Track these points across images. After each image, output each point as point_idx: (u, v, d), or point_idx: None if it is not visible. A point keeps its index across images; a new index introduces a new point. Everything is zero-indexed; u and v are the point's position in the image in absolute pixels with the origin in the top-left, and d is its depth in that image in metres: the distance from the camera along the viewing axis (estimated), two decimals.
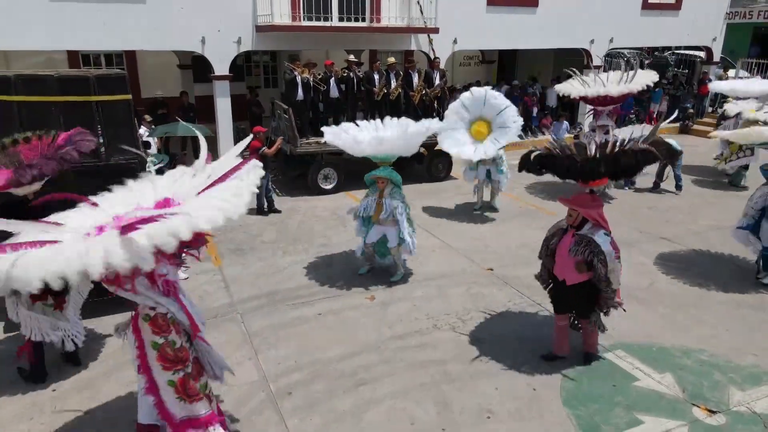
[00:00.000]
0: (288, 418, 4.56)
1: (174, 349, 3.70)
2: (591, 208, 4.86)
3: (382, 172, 6.76)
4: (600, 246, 4.76)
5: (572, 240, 4.89)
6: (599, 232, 4.83)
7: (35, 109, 5.91)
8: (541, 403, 4.76)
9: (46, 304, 4.90)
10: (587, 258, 4.81)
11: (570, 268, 4.92)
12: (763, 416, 4.58)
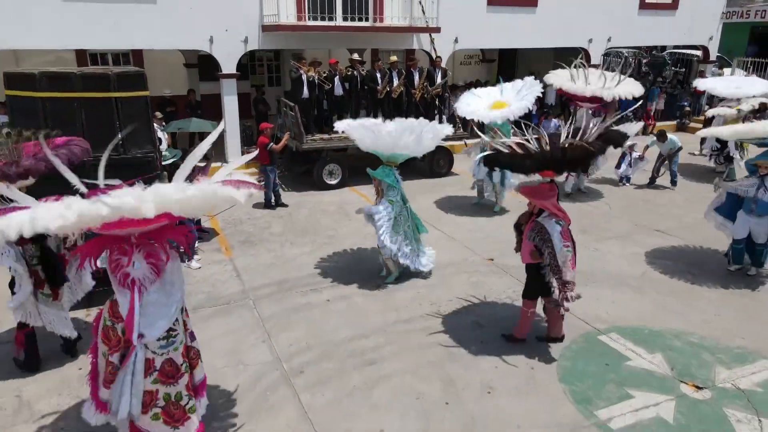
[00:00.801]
0: (301, 393, 4.87)
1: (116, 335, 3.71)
2: (545, 198, 5.10)
3: (377, 174, 6.83)
4: (549, 234, 5.01)
5: (530, 226, 5.19)
6: (552, 221, 5.07)
7: (58, 104, 6.21)
8: (539, 380, 5.07)
9: (43, 292, 5.10)
10: (538, 244, 5.08)
11: (526, 251, 5.24)
12: (747, 392, 4.89)
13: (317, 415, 4.59)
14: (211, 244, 8.38)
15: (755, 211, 6.68)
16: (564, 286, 5.06)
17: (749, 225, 6.82)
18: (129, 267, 3.60)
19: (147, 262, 3.63)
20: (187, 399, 3.89)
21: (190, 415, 3.88)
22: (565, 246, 5.03)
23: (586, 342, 5.70)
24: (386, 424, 4.50)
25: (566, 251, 5.04)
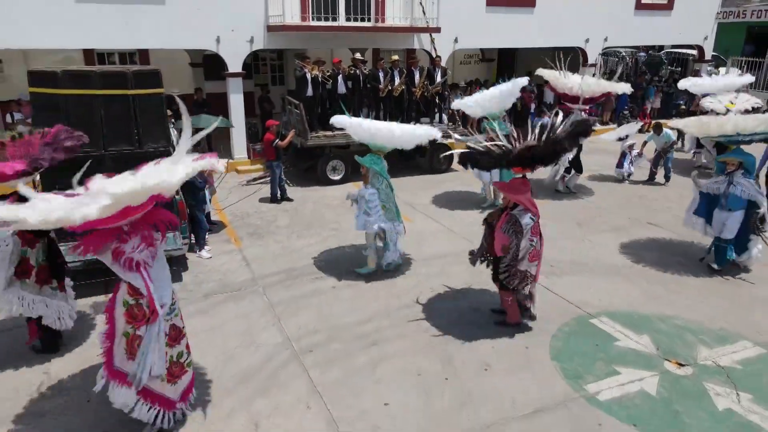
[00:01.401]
0: (310, 371, 5.21)
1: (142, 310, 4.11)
2: (519, 193, 5.45)
3: (365, 161, 7.09)
4: (522, 226, 5.34)
5: (505, 219, 5.50)
6: (526, 216, 5.40)
7: (79, 101, 6.56)
8: (532, 358, 5.42)
9: (51, 286, 5.44)
10: (511, 236, 5.38)
11: (499, 244, 5.53)
12: (727, 368, 5.24)
13: (326, 390, 4.93)
14: (220, 235, 8.73)
15: (725, 206, 6.98)
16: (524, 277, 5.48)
17: (721, 220, 7.09)
18: (131, 252, 4.00)
19: (145, 244, 4.06)
20: (186, 356, 4.42)
21: (187, 369, 4.43)
22: (530, 240, 5.39)
23: (577, 325, 6.05)
24: (390, 398, 4.84)
25: (530, 245, 5.40)
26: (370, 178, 7.11)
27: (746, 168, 6.93)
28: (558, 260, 7.65)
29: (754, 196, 6.84)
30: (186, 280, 7.15)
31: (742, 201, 6.86)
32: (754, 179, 7.07)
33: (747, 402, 4.77)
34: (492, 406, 4.72)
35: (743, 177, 6.86)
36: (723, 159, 7.09)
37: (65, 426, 4.49)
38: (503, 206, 5.72)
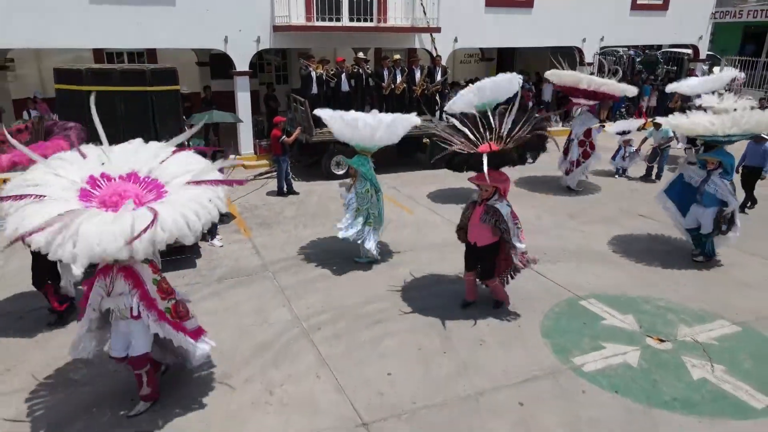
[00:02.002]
0: (319, 345, 5.65)
1: (167, 283, 4.65)
2: (504, 183, 5.81)
3: (354, 162, 7.45)
4: (502, 214, 5.73)
5: (483, 210, 5.83)
6: (503, 203, 5.80)
7: (101, 97, 6.95)
8: (524, 335, 5.85)
9: None
10: (494, 224, 5.77)
11: (481, 233, 5.89)
12: (704, 344, 5.66)
13: (333, 362, 5.37)
14: (230, 226, 9.16)
15: (701, 202, 7.37)
16: (522, 255, 5.92)
17: (696, 215, 7.48)
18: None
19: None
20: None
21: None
22: (515, 224, 5.81)
23: (567, 306, 6.47)
24: (392, 368, 5.27)
25: (517, 228, 5.82)
26: (359, 178, 7.38)
27: (725, 168, 7.27)
28: (551, 248, 8.08)
29: (725, 197, 7.20)
30: (200, 265, 7.59)
31: (716, 199, 7.23)
32: (731, 180, 7.39)
33: (720, 372, 5.20)
34: (486, 376, 5.15)
35: (720, 177, 7.20)
36: (704, 157, 7.41)
37: (95, 392, 4.92)
38: (479, 200, 5.95)
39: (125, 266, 4.41)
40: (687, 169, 7.66)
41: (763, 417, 4.61)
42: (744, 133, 6.99)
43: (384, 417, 4.61)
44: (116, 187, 4.37)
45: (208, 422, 4.55)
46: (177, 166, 4.64)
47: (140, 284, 4.48)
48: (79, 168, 4.53)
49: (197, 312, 5.16)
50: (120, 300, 4.44)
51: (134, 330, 4.54)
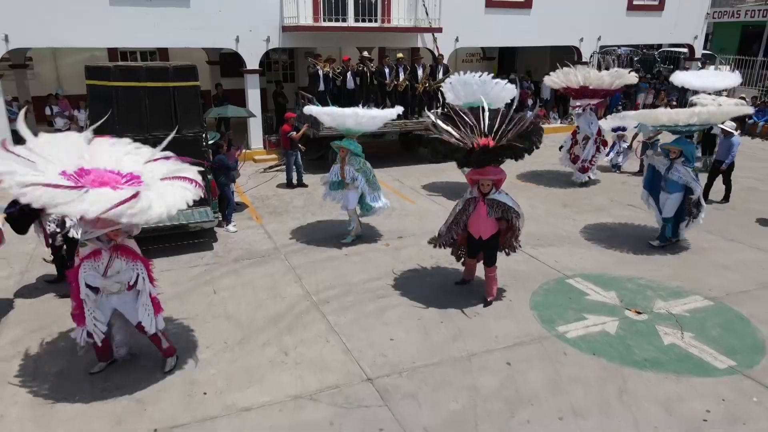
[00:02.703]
0: (328, 315, 6.25)
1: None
2: (501, 175, 6.17)
3: (345, 143, 8.04)
4: (507, 204, 6.16)
5: (486, 205, 6.15)
6: (502, 194, 6.19)
7: (128, 92, 7.63)
8: (514, 307, 6.43)
9: None
10: (502, 215, 6.16)
11: (487, 227, 6.21)
12: (677, 315, 6.24)
13: (342, 329, 5.97)
14: (243, 214, 9.77)
15: (665, 189, 7.92)
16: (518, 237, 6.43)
17: (661, 201, 8.03)
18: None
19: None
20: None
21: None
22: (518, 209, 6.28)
23: (556, 284, 7.06)
24: (394, 335, 5.87)
25: (520, 212, 6.28)
26: (349, 159, 8.02)
27: (686, 156, 7.82)
28: (544, 234, 8.67)
29: (688, 183, 7.75)
30: (217, 248, 8.20)
31: (679, 186, 7.79)
32: (693, 167, 7.91)
33: (689, 339, 5.77)
34: (478, 341, 5.74)
35: (682, 165, 7.77)
36: (667, 146, 7.96)
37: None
38: (478, 195, 6.21)
39: (119, 246, 4.86)
40: (654, 159, 8.23)
41: (723, 375, 5.18)
42: (702, 123, 7.65)
43: (386, 374, 5.20)
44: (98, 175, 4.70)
45: (231, 378, 5.15)
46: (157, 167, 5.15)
47: (137, 256, 5.01)
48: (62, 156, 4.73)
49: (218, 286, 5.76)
50: (118, 277, 4.88)
51: (128, 300, 5.02)
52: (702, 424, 4.54)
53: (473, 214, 6.32)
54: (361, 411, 4.70)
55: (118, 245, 4.88)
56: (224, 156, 8.58)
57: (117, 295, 4.96)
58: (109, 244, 4.82)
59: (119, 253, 4.88)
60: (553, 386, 5.02)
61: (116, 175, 4.83)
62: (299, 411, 4.70)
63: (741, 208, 10.07)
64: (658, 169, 8.05)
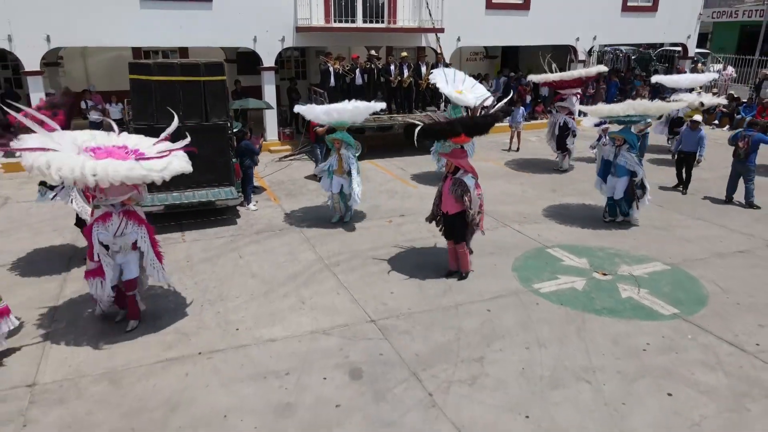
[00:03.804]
0: (338, 274, 7.33)
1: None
2: (460, 158, 7.00)
3: (337, 135, 8.93)
4: (467, 185, 6.95)
5: (450, 182, 6.91)
6: (468, 176, 6.87)
7: (164, 85, 8.75)
8: (498, 270, 7.48)
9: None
10: (459, 194, 6.81)
11: (449, 202, 6.90)
12: (637, 277, 7.26)
13: (350, 284, 7.05)
14: (261, 196, 10.88)
15: (615, 173, 8.92)
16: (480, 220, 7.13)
17: (612, 184, 9.00)
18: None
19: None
20: None
21: None
22: (479, 195, 7.03)
23: (536, 252, 8.10)
24: (394, 289, 6.93)
25: (478, 198, 7.03)
26: (343, 147, 8.96)
27: (630, 143, 8.83)
28: (531, 213, 9.72)
29: (633, 167, 8.75)
30: (240, 223, 9.32)
31: (625, 170, 8.79)
32: (637, 154, 8.91)
33: (644, 294, 6.79)
34: (465, 295, 6.79)
35: (627, 151, 8.78)
36: (613, 135, 8.99)
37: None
38: (446, 173, 7.13)
39: (128, 210, 5.75)
40: (603, 149, 9.26)
41: (666, 320, 6.21)
42: (638, 114, 8.76)
43: (386, 317, 6.27)
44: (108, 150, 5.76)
45: (258, 319, 6.25)
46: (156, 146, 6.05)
47: (143, 221, 5.95)
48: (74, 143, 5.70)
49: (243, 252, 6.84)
50: (126, 237, 5.75)
51: (130, 259, 5.89)
52: (641, 352, 5.57)
53: (443, 190, 7.08)
54: (365, 342, 5.78)
55: (127, 210, 5.78)
56: (249, 142, 9.70)
57: (121, 254, 5.83)
58: (120, 209, 5.77)
59: (128, 217, 5.79)
60: (523, 326, 6.07)
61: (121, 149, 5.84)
62: (315, 341, 5.79)
63: (717, 193, 11.01)
64: (607, 157, 9.04)
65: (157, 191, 9.00)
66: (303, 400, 4.87)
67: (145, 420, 4.63)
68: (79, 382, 5.12)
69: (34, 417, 4.67)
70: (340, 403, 4.83)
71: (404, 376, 5.20)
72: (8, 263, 7.75)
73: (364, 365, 5.37)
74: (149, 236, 6.00)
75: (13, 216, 9.75)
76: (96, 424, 4.59)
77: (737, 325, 6.08)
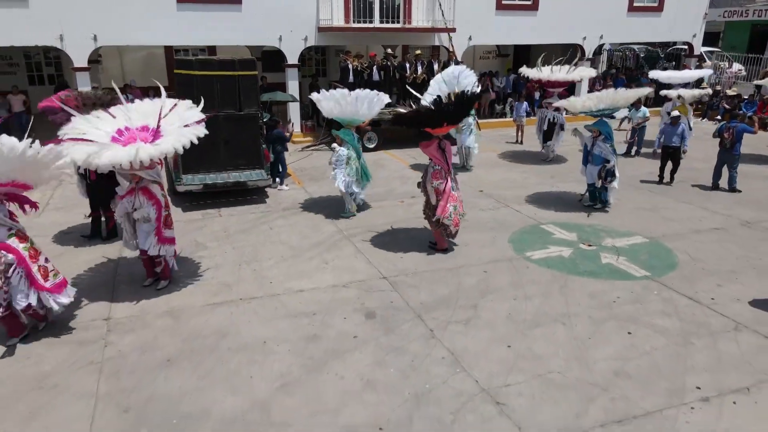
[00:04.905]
0: (356, 243, 8.43)
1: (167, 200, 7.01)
2: (426, 148, 7.86)
3: (340, 133, 9.49)
4: (427, 173, 7.91)
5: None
6: (431, 163, 7.76)
7: (204, 79, 9.92)
8: (496, 241, 8.51)
9: None
10: (421, 181, 7.96)
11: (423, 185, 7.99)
12: (618, 247, 8.23)
13: (365, 251, 8.14)
14: (287, 180, 12.03)
15: (592, 162, 9.82)
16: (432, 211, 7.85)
17: (590, 171, 9.91)
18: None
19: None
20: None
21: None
22: (432, 182, 7.78)
23: (531, 228, 9.11)
24: (404, 254, 8.00)
25: (435, 185, 7.68)
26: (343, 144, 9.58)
27: (605, 135, 9.69)
28: (530, 196, 10.74)
29: (607, 156, 9.65)
30: (269, 202, 10.48)
31: (601, 158, 9.70)
32: (611, 144, 9.75)
33: (622, 260, 7.78)
34: (465, 260, 7.84)
35: (603, 142, 9.67)
36: (590, 128, 9.86)
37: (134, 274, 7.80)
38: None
39: (143, 187, 6.64)
40: (581, 138, 10.13)
41: (638, 280, 7.19)
42: (608, 107, 9.68)
43: (396, 275, 7.35)
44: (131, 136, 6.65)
45: (288, 275, 7.37)
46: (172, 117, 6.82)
47: (153, 197, 6.83)
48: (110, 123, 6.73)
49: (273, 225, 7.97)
50: (143, 210, 6.66)
51: (144, 230, 6.76)
52: (612, 303, 6.58)
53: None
54: (378, 293, 6.87)
55: (141, 186, 6.65)
56: (281, 130, 10.87)
57: (142, 223, 6.74)
58: (134, 184, 6.75)
59: (141, 193, 6.68)
60: (514, 284, 7.11)
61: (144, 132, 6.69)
62: (336, 292, 6.90)
63: (705, 181, 11.86)
64: (585, 143, 9.96)
65: (196, 173, 10.23)
66: (327, 333, 5.98)
67: (200, 344, 5.77)
68: (145, 317, 6.30)
69: (112, 340, 5.84)
70: (357, 335, 5.93)
71: (410, 317, 6.28)
72: (73, 232, 9.00)
73: (377, 309, 6.46)
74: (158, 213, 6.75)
75: (68, 195, 11.01)
76: (162, 346, 5.75)
77: (699, 285, 7.05)
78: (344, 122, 9.87)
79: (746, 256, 7.92)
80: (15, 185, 5.62)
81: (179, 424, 4.60)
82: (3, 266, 5.51)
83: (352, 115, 9.64)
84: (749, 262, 7.72)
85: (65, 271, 6.54)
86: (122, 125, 6.74)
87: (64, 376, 5.25)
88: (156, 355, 5.58)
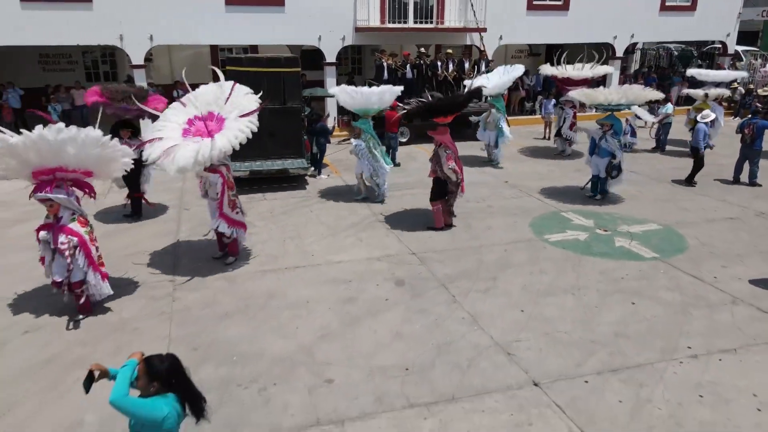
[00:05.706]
0: (386, 224, 9.25)
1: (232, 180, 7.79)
2: (441, 135, 8.70)
3: (359, 123, 10.38)
4: (441, 158, 8.70)
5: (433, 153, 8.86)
6: (442, 150, 8.56)
7: (253, 75, 10.86)
8: (517, 226, 9.20)
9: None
10: (434, 165, 8.79)
11: (431, 169, 8.90)
12: (632, 233, 8.82)
13: (396, 231, 8.95)
14: (325, 170, 12.96)
15: (599, 155, 10.27)
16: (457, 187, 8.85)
17: (596, 163, 10.39)
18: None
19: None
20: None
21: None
22: (448, 165, 8.59)
23: (551, 214, 9.76)
24: (432, 235, 8.78)
25: (449, 167, 8.55)
26: (361, 134, 10.41)
27: (615, 130, 10.19)
28: (553, 187, 11.36)
29: (614, 150, 10.12)
30: (308, 188, 11.41)
31: (608, 152, 10.17)
32: (619, 139, 10.24)
33: (635, 244, 8.38)
34: (488, 240, 8.57)
35: (612, 136, 10.14)
36: (601, 122, 10.32)
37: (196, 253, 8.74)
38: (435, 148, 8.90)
39: (215, 169, 7.37)
40: (594, 132, 10.59)
41: (647, 260, 7.80)
42: (628, 102, 10.17)
43: (424, 251, 8.14)
44: (199, 126, 7.46)
45: (327, 249, 8.25)
46: (231, 105, 7.51)
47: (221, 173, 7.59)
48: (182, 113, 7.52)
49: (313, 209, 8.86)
50: (212, 189, 7.52)
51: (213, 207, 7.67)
52: (620, 279, 7.22)
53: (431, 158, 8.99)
54: (408, 266, 7.67)
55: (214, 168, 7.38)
56: (324, 123, 11.80)
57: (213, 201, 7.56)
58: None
59: (210, 172, 7.49)
60: (531, 261, 7.81)
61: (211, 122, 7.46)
62: (370, 264, 7.73)
63: (728, 175, 12.23)
64: (594, 137, 10.41)
65: (243, 160, 11.22)
66: (362, 296, 6.82)
67: (253, 302, 6.69)
68: (205, 280, 7.27)
69: (178, 296, 6.82)
70: (388, 298, 6.75)
71: (435, 285, 7.07)
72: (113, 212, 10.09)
73: (406, 278, 7.27)
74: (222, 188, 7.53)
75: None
76: (220, 302, 6.69)
77: (704, 266, 7.61)
78: (360, 113, 10.65)
79: (755, 243, 8.42)
80: (84, 173, 6.27)
81: (239, 360, 5.51)
82: (71, 249, 6.11)
83: (363, 105, 10.42)
84: (756, 248, 8.22)
85: (127, 246, 7.56)
86: (192, 114, 7.51)
87: (142, 322, 6.24)
88: (216, 309, 6.52)
